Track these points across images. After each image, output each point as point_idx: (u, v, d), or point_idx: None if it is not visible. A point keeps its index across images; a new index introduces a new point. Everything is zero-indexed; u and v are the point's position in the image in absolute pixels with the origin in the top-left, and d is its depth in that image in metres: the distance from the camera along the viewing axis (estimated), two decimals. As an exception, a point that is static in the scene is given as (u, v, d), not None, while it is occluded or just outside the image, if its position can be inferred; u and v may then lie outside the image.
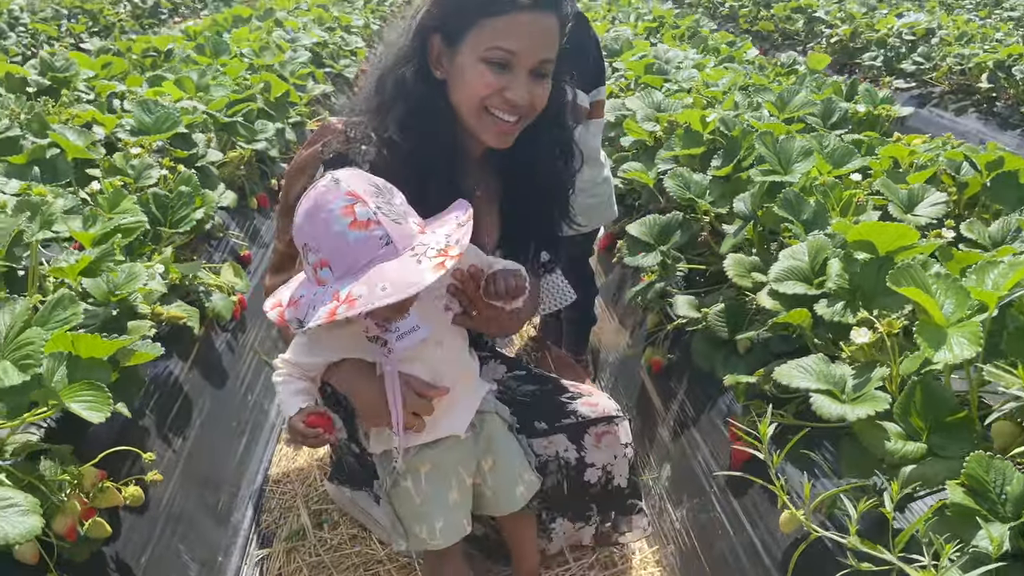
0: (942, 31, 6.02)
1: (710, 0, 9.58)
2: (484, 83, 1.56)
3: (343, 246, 1.33)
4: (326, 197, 1.34)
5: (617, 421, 1.86)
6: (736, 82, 3.11)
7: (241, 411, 2.57)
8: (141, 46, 4.31)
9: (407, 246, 1.36)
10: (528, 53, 1.56)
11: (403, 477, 1.63)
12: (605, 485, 1.85)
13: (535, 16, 1.55)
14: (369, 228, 1.32)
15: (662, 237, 2.44)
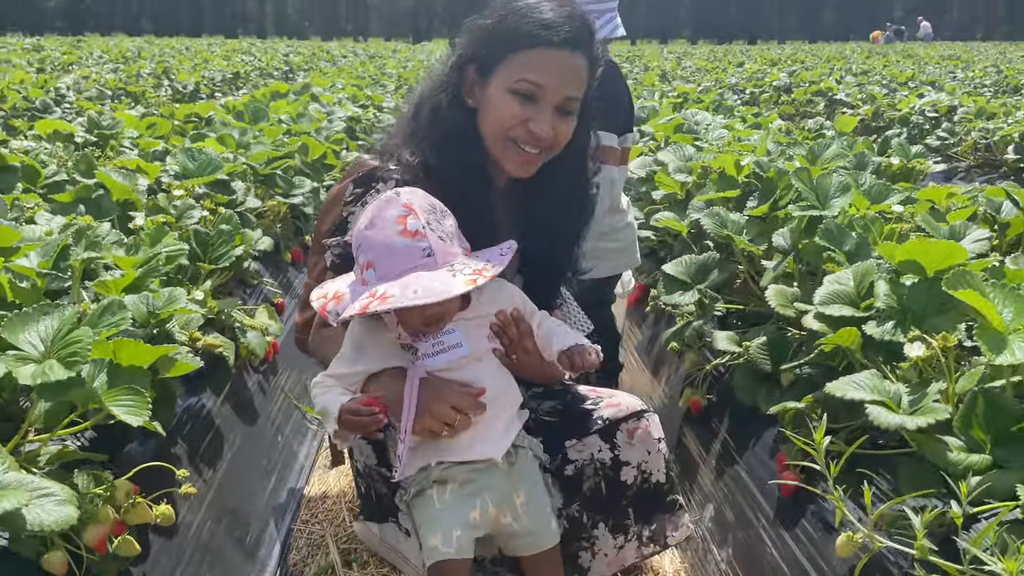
0: (963, 109, 6.10)
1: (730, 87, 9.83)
2: (510, 113, 1.64)
3: (389, 250, 1.45)
4: (384, 205, 1.48)
5: (646, 416, 1.82)
6: (767, 139, 3.15)
7: (271, 450, 2.53)
8: (184, 112, 4.46)
9: (447, 262, 1.47)
10: (555, 89, 1.64)
11: (429, 486, 1.60)
12: (642, 484, 1.79)
13: (565, 54, 1.64)
14: (416, 238, 1.44)
15: (699, 276, 2.43)
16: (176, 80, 8.32)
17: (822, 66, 11.57)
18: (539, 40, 1.62)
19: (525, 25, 1.63)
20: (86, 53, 12.84)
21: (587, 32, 1.68)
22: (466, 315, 1.60)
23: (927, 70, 10.84)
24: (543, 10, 1.64)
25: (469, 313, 1.61)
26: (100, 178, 2.56)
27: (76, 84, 6.61)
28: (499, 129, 1.67)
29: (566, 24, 1.63)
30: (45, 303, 1.57)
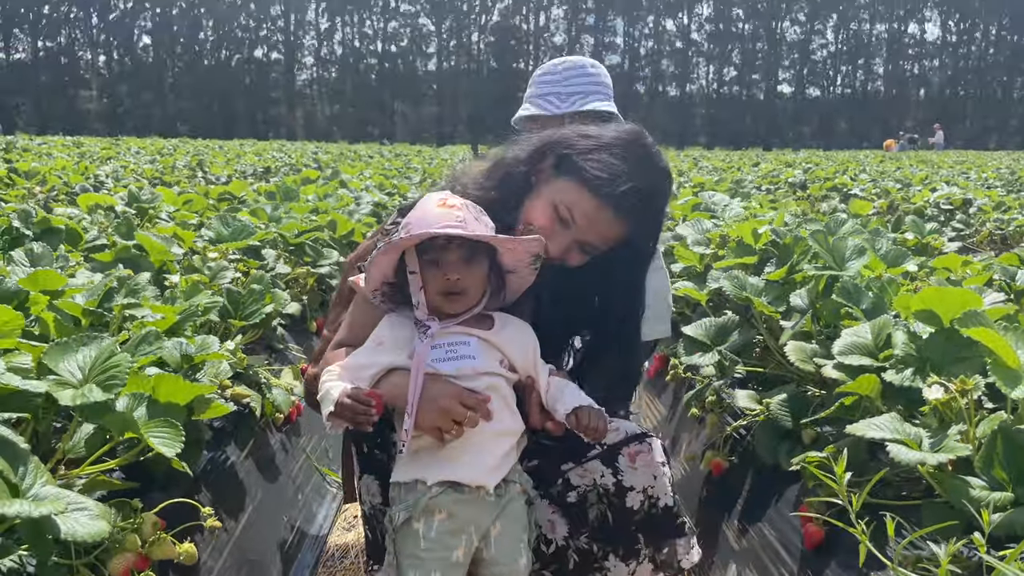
0: (978, 202, 6.20)
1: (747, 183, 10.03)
2: (542, 216, 1.76)
3: (426, 214, 1.60)
4: (433, 194, 1.66)
5: (648, 439, 1.81)
6: (784, 213, 3.22)
7: (292, 508, 2.54)
8: (217, 191, 4.64)
9: (476, 232, 1.59)
10: (584, 230, 1.75)
11: (416, 517, 1.61)
12: (649, 510, 1.77)
13: (611, 213, 1.72)
14: (452, 209, 1.60)
15: (719, 338, 2.46)
16: (210, 172, 8.62)
17: (837, 167, 11.81)
18: (597, 182, 1.71)
19: (596, 167, 1.73)
20: (124, 149, 13.36)
21: (644, 207, 1.76)
22: (484, 334, 1.66)
23: (940, 172, 11.03)
24: (616, 167, 1.73)
25: (488, 335, 1.66)
26: (139, 239, 2.67)
27: (115, 172, 6.87)
28: (528, 219, 1.78)
29: (628, 196, 1.71)
30: (85, 334, 1.64)
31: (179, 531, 1.80)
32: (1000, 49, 69.09)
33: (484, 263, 1.65)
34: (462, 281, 1.61)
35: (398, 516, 1.62)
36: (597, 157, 1.74)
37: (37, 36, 64.89)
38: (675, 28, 71.43)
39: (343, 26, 70.33)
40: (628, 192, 1.70)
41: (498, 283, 1.70)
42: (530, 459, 1.82)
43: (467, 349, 1.63)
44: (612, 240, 1.78)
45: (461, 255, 1.61)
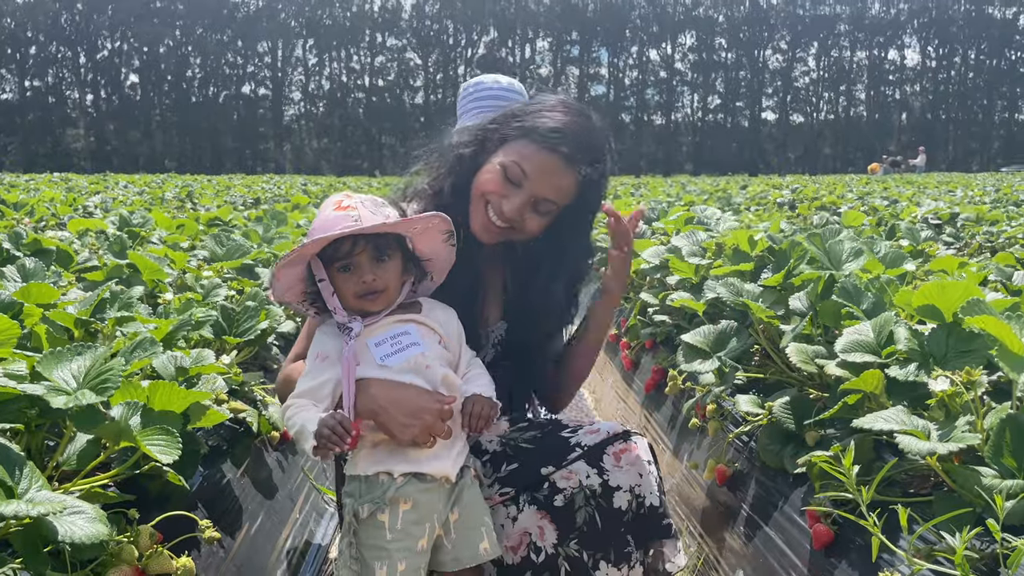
0: (965, 216, 6.24)
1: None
2: (493, 182, 1.82)
3: (324, 220, 1.63)
4: (331, 196, 1.70)
5: (633, 438, 1.80)
6: (779, 221, 3.23)
7: (290, 526, 2.49)
8: (208, 217, 4.62)
9: (371, 223, 1.61)
10: (536, 184, 1.80)
11: (381, 509, 1.60)
12: (637, 510, 1.74)
13: (559, 162, 1.80)
14: (346, 211, 1.61)
15: (718, 345, 2.45)
16: (200, 203, 8.61)
17: (824, 188, 11.90)
18: (542, 140, 1.80)
19: (544, 122, 1.82)
20: (112, 183, 13.34)
21: (589, 163, 1.83)
22: (419, 318, 1.70)
23: (927, 191, 11.13)
24: (564, 122, 1.83)
25: (422, 318, 1.71)
26: (132, 258, 2.65)
27: (103, 204, 6.85)
28: (479, 190, 1.84)
29: (575, 147, 1.81)
30: (79, 343, 1.61)
31: (176, 547, 1.76)
32: (979, 73, 70.21)
33: (397, 256, 1.69)
34: (378, 280, 1.64)
35: (363, 509, 1.61)
36: (543, 115, 1.83)
37: (24, 76, 65.08)
38: (659, 58, 72.30)
39: (330, 61, 70.88)
40: (574, 141, 1.79)
41: (419, 271, 1.75)
42: (509, 462, 1.81)
43: (409, 338, 1.66)
44: (563, 193, 1.82)
45: (370, 254, 1.64)
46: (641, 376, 3.59)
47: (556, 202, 1.83)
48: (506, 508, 1.77)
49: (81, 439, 1.67)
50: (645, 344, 3.55)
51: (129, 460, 1.70)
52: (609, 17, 69.41)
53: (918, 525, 1.56)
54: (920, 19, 70.48)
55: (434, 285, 1.80)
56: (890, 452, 1.77)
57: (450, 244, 1.72)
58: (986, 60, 69.93)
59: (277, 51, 69.63)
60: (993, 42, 68.07)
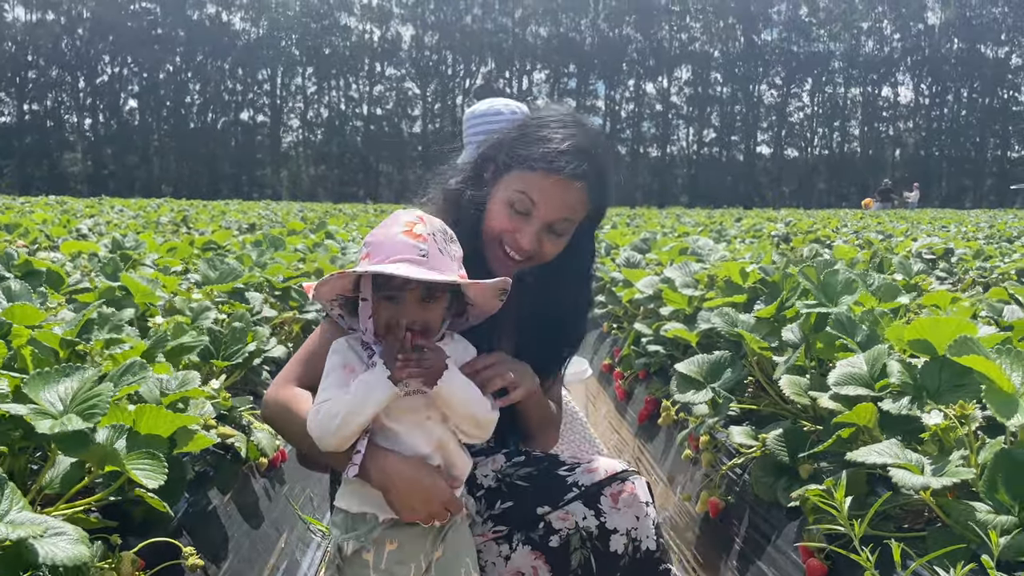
0: (960, 251, 6.26)
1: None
2: (501, 219, 1.78)
3: (389, 241, 1.52)
4: (403, 214, 1.58)
5: (631, 478, 1.75)
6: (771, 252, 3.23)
7: (275, 555, 2.45)
8: (202, 241, 4.61)
9: (437, 269, 1.51)
10: (546, 209, 1.76)
11: (367, 548, 1.56)
12: (633, 554, 1.70)
13: (565, 182, 1.75)
14: (417, 240, 1.51)
15: (712, 375, 2.43)
16: (195, 228, 8.60)
17: (818, 222, 11.96)
18: (543, 161, 1.74)
19: (535, 146, 1.76)
20: (107, 207, 13.35)
21: (590, 162, 1.78)
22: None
23: (920, 227, 11.19)
24: (554, 138, 1.77)
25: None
26: (124, 280, 2.63)
27: (97, 227, 6.84)
28: (492, 231, 1.80)
29: (573, 159, 1.75)
30: (67, 365, 1.59)
31: (160, 574, 1.73)
32: (972, 111, 70.97)
33: (444, 298, 1.59)
34: (418, 322, 1.54)
35: (347, 546, 1.57)
36: (531, 138, 1.77)
37: (23, 100, 65.35)
38: (655, 91, 72.99)
39: (329, 90, 71.38)
40: (570, 152, 1.73)
41: (460, 309, 1.67)
42: (503, 500, 1.77)
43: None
44: (576, 208, 1.78)
45: (419, 295, 1.53)
46: (634, 407, 3.57)
47: (571, 219, 1.79)
48: (499, 546, 1.73)
49: (64, 462, 1.65)
50: (639, 374, 3.54)
51: (113, 485, 1.67)
52: (606, 50, 70.16)
53: (912, 560, 1.54)
54: (913, 57, 71.39)
55: (467, 325, 1.71)
56: (884, 486, 1.75)
57: (500, 299, 1.63)
58: (978, 98, 70.72)
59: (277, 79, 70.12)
60: (985, 81, 68.91)
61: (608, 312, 4.29)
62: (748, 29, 71.16)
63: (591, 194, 1.79)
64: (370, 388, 1.49)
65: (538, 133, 1.79)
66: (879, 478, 1.80)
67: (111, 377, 1.57)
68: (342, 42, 70.75)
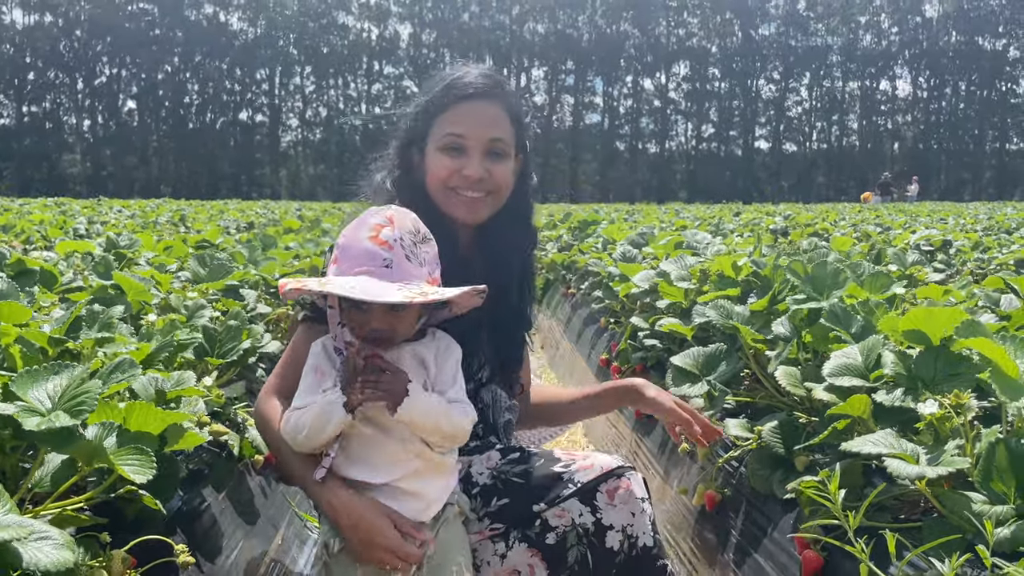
0: (958, 243, 6.25)
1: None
2: (442, 167, 1.82)
3: (354, 248, 1.51)
4: (374, 212, 1.55)
5: (627, 474, 1.74)
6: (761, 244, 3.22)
7: (271, 553, 2.44)
8: (196, 239, 4.60)
9: (403, 279, 1.48)
10: (476, 134, 1.81)
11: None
12: (629, 551, 1.69)
13: (478, 103, 1.83)
14: (382, 247, 1.49)
15: (707, 368, 2.43)
16: (192, 227, 8.59)
17: (816, 215, 11.95)
18: (453, 98, 1.82)
19: (440, 90, 1.85)
20: (106, 208, 13.34)
21: (497, 84, 1.87)
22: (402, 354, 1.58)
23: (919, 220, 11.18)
24: (453, 74, 1.86)
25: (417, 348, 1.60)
26: (116, 279, 2.62)
27: (93, 227, 6.83)
28: (438, 184, 1.83)
29: (476, 80, 1.84)
30: (56, 363, 1.58)
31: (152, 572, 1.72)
32: (970, 104, 70.96)
33: (413, 306, 1.54)
34: (389, 329, 1.53)
35: (334, 543, 1.57)
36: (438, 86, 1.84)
37: (22, 101, 65.35)
38: (653, 87, 72.97)
39: (327, 88, 71.36)
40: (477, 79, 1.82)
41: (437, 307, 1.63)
42: (499, 497, 1.75)
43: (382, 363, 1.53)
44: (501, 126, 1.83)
45: (387, 305, 1.49)
46: (631, 401, 3.56)
47: (502, 138, 1.83)
48: (494, 544, 1.72)
49: (54, 460, 1.63)
50: (636, 368, 3.53)
51: (104, 482, 1.66)
52: (603, 47, 70.13)
53: (908, 551, 1.53)
54: (911, 50, 71.36)
55: (451, 316, 1.68)
56: (880, 477, 1.74)
57: (479, 297, 1.60)
58: (977, 91, 70.72)
59: (275, 78, 70.12)
60: (984, 73, 68.88)
61: (605, 307, 4.28)
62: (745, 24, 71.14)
63: (509, 113, 1.85)
64: (328, 413, 1.50)
65: (443, 84, 1.85)
66: (875, 469, 1.79)
67: (100, 374, 1.56)
68: (340, 41, 70.75)
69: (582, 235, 7.37)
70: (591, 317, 4.90)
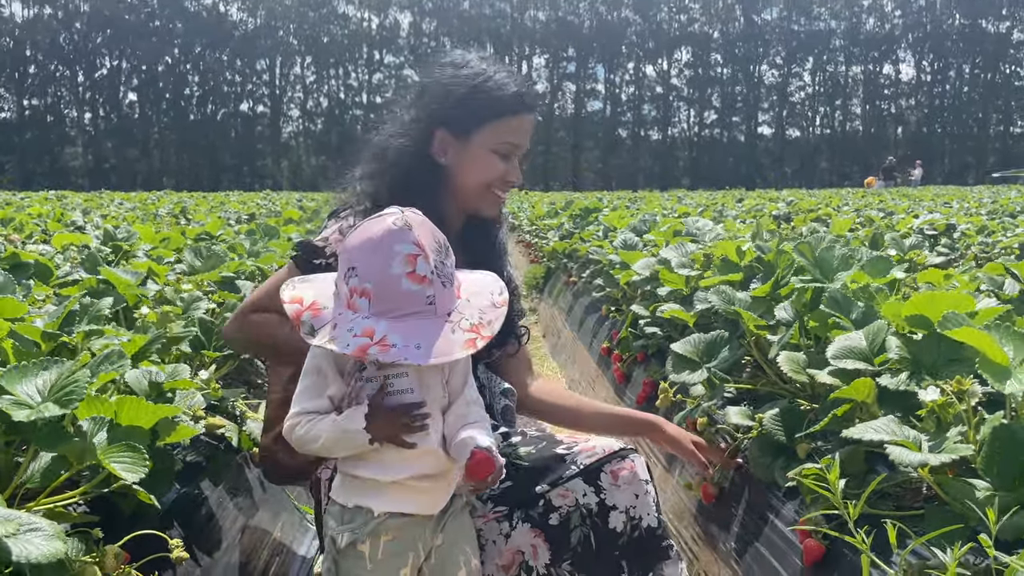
0: (962, 227, 6.20)
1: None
2: (495, 170, 1.89)
3: (393, 290, 1.39)
4: (394, 237, 1.40)
5: (630, 456, 1.75)
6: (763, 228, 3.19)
7: (270, 547, 2.43)
8: (195, 231, 4.58)
9: (446, 311, 1.43)
10: (524, 145, 1.94)
11: (361, 540, 1.52)
12: (632, 532, 1.69)
13: (531, 117, 1.93)
14: (423, 284, 1.39)
15: (708, 355, 2.40)
16: (194, 219, 8.57)
17: (819, 201, 11.90)
18: (518, 109, 1.89)
19: (503, 96, 1.87)
20: (107, 200, 13.33)
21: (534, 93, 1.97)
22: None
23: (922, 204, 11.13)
24: (511, 83, 1.89)
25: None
26: (104, 274, 2.60)
27: (92, 220, 6.81)
28: (483, 183, 1.89)
29: (530, 92, 1.92)
30: (46, 358, 1.57)
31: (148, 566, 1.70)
32: (974, 87, 70.58)
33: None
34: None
35: (341, 538, 1.53)
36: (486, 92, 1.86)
37: (23, 95, 65.29)
38: (655, 74, 72.68)
39: (328, 79, 71.18)
40: (526, 89, 1.91)
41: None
42: (503, 480, 1.74)
43: (404, 382, 1.47)
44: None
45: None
46: (633, 389, 3.54)
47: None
48: (499, 524, 1.71)
49: (46, 456, 1.62)
50: (637, 357, 3.50)
51: (96, 478, 1.65)
52: (605, 34, 69.83)
53: (910, 540, 1.51)
54: (914, 33, 70.97)
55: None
56: (883, 464, 1.72)
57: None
58: (980, 74, 70.33)
59: (275, 69, 69.96)
60: (987, 56, 68.49)
61: (606, 295, 4.25)
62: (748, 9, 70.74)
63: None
64: (349, 439, 1.45)
65: (487, 85, 1.87)
66: (877, 456, 1.77)
67: (89, 365, 1.54)
68: (340, 30, 70.55)
69: (583, 223, 7.33)
70: (592, 305, 4.88)
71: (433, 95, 1.90)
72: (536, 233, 9.33)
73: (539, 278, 7.70)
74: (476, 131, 1.86)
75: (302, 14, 68.89)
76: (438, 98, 1.88)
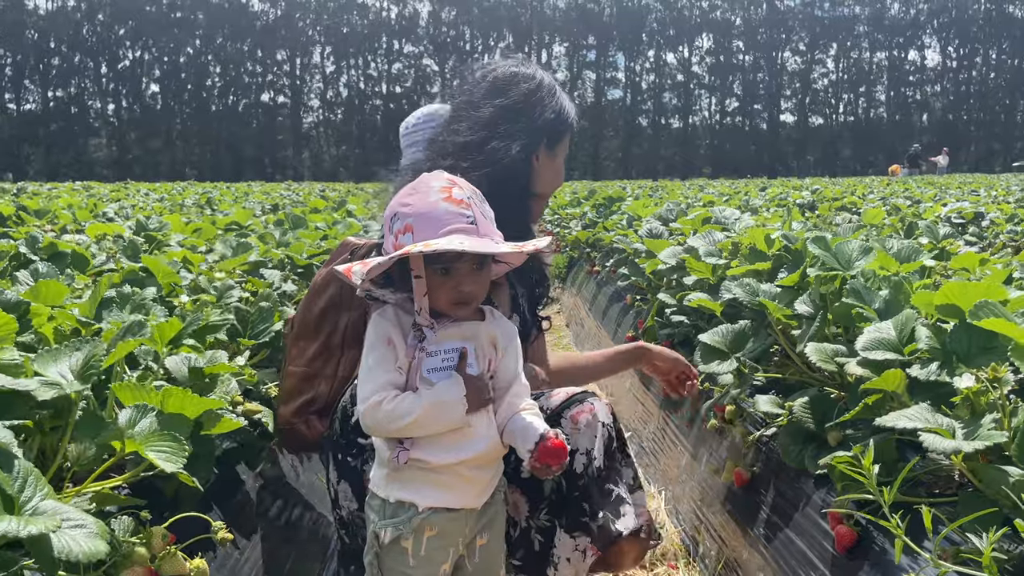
0: (991, 215, 6.14)
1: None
2: (558, 178, 2.13)
3: (433, 212, 1.45)
4: (429, 178, 1.51)
5: (590, 399, 1.80)
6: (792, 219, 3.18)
7: (305, 528, 2.48)
8: (225, 221, 4.64)
9: (487, 234, 1.47)
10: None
11: (405, 536, 1.55)
12: (586, 470, 1.73)
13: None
14: (460, 206, 1.46)
15: (736, 345, 2.41)
16: (219, 209, 8.65)
17: (845, 189, 11.79)
18: (573, 126, 2.13)
19: (569, 118, 2.10)
20: (133, 191, 13.47)
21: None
22: (479, 333, 1.55)
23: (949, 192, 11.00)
24: (565, 102, 2.11)
25: (482, 329, 1.56)
26: (145, 261, 2.65)
27: (123, 211, 6.90)
28: (550, 188, 2.11)
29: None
30: (76, 340, 1.60)
31: (191, 548, 1.74)
32: (1000, 73, 69.45)
33: (490, 264, 1.54)
34: (473, 291, 1.50)
35: (385, 533, 1.55)
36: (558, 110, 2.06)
37: (47, 87, 65.94)
38: (676, 61, 72.12)
39: (348, 69, 71.27)
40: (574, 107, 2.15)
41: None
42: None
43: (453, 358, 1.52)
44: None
45: (474, 265, 1.48)
46: (659, 378, 3.55)
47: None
48: None
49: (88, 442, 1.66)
50: (663, 344, 3.51)
51: (141, 464, 1.69)
52: (625, 21, 69.36)
53: (943, 526, 1.52)
54: (940, 19, 69.90)
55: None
56: (914, 452, 1.73)
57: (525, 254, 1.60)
58: (1007, 60, 69.17)
59: (296, 59, 70.16)
60: (1014, 41, 67.33)
61: (631, 284, 4.26)
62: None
63: None
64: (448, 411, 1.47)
65: (555, 102, 2.06)
66: (908, 444, 1.77)
67: (112, 337, 1.58)
68: (360, 20, 70.54)
69: (607, 212, 7.33)
70: (616, 295, 4.89)
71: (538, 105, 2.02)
72: (558, 223, 9.33)
73: (562, 267, 7.71)
74: (558, 144, 2.07)
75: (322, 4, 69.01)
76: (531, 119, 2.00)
